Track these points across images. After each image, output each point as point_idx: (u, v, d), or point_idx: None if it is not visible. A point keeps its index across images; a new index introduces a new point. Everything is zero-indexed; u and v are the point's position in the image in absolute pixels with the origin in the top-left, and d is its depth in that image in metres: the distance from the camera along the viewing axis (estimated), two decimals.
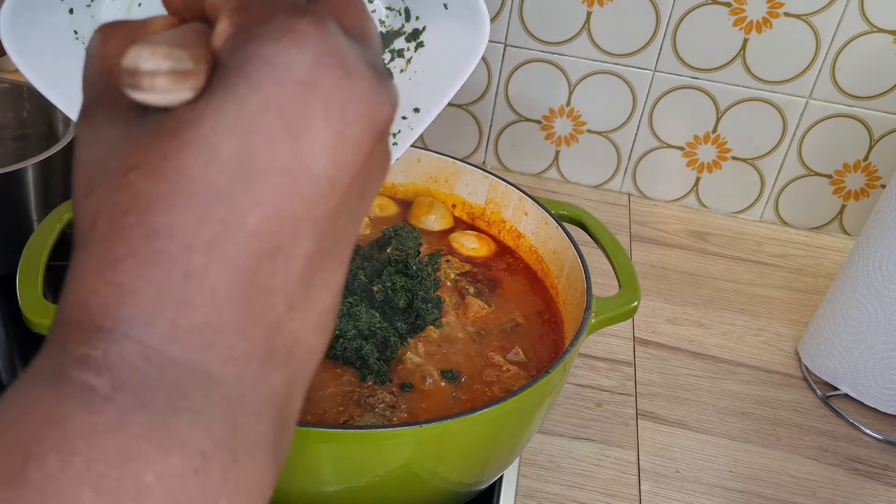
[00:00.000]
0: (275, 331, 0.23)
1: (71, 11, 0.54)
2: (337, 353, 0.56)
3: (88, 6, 0.55)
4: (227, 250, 0.22)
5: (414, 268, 0.64)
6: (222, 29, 0.23)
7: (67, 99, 0.52)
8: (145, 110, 0.23)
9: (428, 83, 0.61)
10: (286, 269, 0.23)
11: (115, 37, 0.25)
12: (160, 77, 0.22)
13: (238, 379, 0.22)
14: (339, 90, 0.23)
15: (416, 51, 0.63)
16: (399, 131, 0.61)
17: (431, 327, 0.61)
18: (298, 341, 0.24)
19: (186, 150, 0.22)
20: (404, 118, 0.61)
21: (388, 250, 0.66)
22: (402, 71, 0.63)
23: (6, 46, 0.49)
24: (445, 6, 0.59)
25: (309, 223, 0.23)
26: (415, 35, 0.63)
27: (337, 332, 0.56)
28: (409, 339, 0.59)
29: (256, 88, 0.22)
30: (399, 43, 0.64)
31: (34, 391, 0.21)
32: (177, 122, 0.22)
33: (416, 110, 0.61)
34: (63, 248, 0.69)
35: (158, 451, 0.20)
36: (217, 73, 0.22)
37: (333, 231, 0.24)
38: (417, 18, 0.63)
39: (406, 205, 0.77)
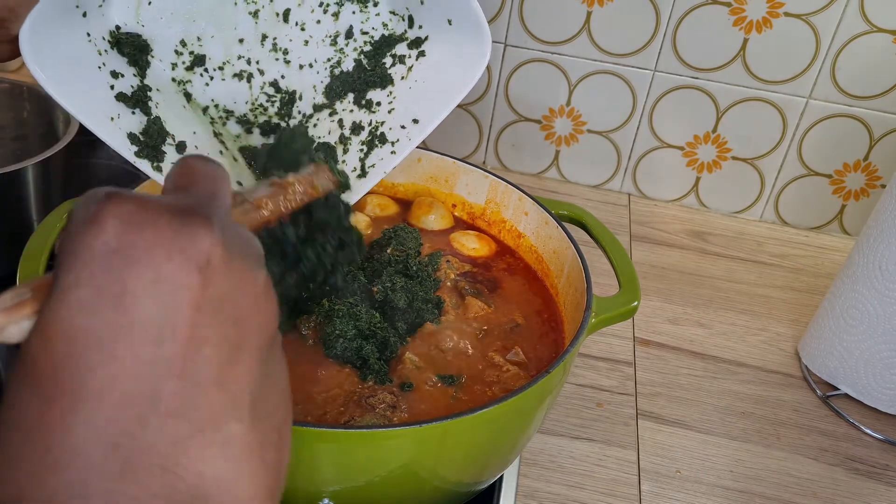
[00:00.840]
0: (162, 471, 0.25)
1: (84, 15, 0.55)
2: (337, 353, 0.56)
3: (100, 6, 0.56)
4: (80, 417, 0.24)
5: (414, 268, 0.64)
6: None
7: (85, 110, 0.53)
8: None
9: (428, 94, 0.62)
10: (156, 414, 0.25)
11: None
12: None
13: None
14: (140, 245, 0.26)
15: (417, 59, 0.63)
16: (398, 140, 0.62)
17: (430, 325, 0.61)
18: (204, 475, 0.25)
19: (34, 357, 0.25)
20: (403, 128, 0.62)
21: (389, 250, 0.66)
22: (402, 78, 0.63)
23: (30, 66, 0.49)
24: (450, 22, 0.60)
25: (158, 365, 0.25)
26: (417, 43, 0.63)
27: (337, 332, 0.56)
28: (409, 339, 0.59)
29: (67, 272, 0.25)
30: (401, 48, 0.64)
31: None
32: (32, 339, 0.26)
33: (415, 121, 0.62)
34: None
35: None
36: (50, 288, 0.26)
37: (200, 363, 0.26)
38: (420, 27, 0.63)
39: (406, 204, 0.77)
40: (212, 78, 0.63)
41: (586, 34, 1.01)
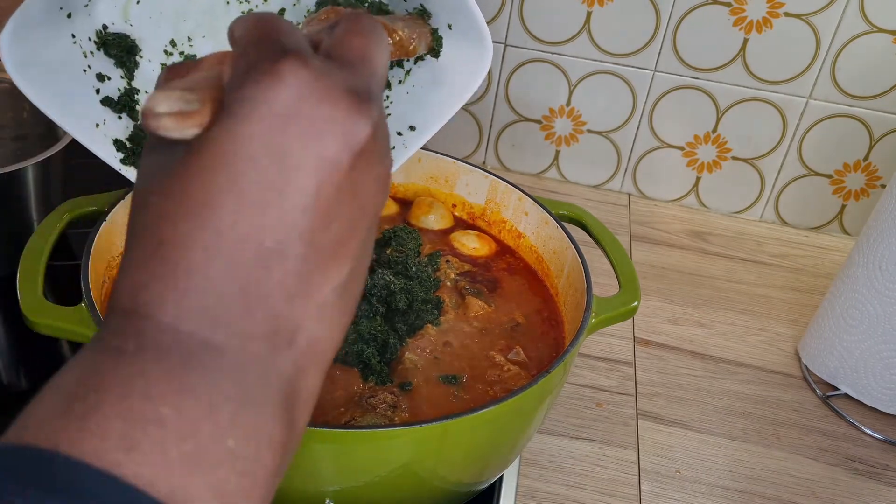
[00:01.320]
0: (274, 318, 0.28)
1: (69, 16, 0.54)
2: (338, 357, 0.56)
3: (86, 6, 0.55)
4: (222, 252, 0.27)
5: (413, 269, 0.64)
6: (225, 73, 0.29)
7: (69, 115, 0.51)
8: (176, 143, 0.28)
9: (426, 101, 0.61)
10: (280, 268, 0.28)
11: (172, 74, 0.31)
12: (167, 118, 0.28)
13: (242, 351, 0.27)
14: (315, 118, 0.27)
15: (415, 63, 0.62)
16: (393, 147, 0.60)
17: (430, 326, 0.61)
18: (300, 328, 0.29)
19: (187, 174, 0.27)
20: (399, 134, 0.60)
21: (388, 251, 0.66)
22: (400, 82, 0.62)
23: (10, 72, 0.48)
24: (450, 27, 0.59)
25: (296, 230, 0.28)
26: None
27: None
28: (408, 339, 0.59)
29: (242, 122, 0.27)
30: None
31: (82, 354, 0.27)
32: (187, 153, 0.28)
33: (412, 128, 0.60)
34: (63, 248, 0.69)
35: (173, 393, 0.25)
36: (220, 111, 0.28)
37: (326, 236, 0.29)
38: None
39: (406, 204, 0.77)
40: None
41: (586, 34, 1.01)
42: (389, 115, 0.62)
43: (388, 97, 0.62)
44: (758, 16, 0.96)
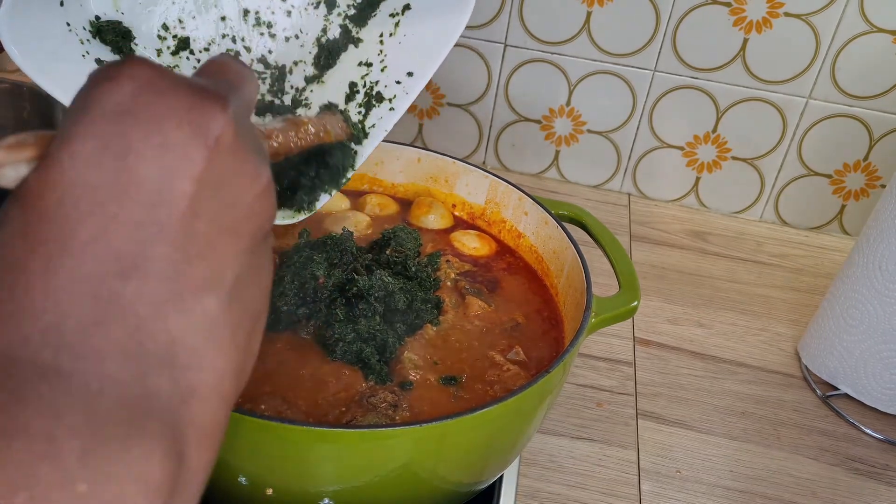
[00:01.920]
0: (136, 330, 0.25)
1: (62, 4, 0.54)
2: (338, 357, 0.56)
3: None
4: (65, 265, 0.24)
5: (413, 269, 0.64)
6: None
7: (69, 94, 0.52)
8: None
9: (418, 47, 0.62)
10: (139, 274, 0.25)
11: None
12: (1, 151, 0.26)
13: (95, 374, 0.24)
14: (154, 110, 0.26)
15: (403, 13, 0.63)
16: (395, 96, 0.61)
17: (430, 325, 0.61)
18: (176, 342, 0.26)
19: (24, 186, 0.26)
20: (398, 83, 0.61)
21: (388, 251, 0.66)
22: (391, 35, 0.63)
23: (7, 48, 0.49)
24: None
25: (152, 228, 0.25)
26: None
27: (336, 336, 0.56)
28: (407, 339, 0.59)
29: (75, 124, 0.25)
30: (386, 6, 0.64)
31: None
32: (26, 177, 0.26)
33: (410, 74, 0.61)
34: None
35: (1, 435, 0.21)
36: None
37: (193, 235, 0.26)
38: None
39: (406, 204, 0.77)
40: (199, 60, 0.62)
41: (586, 34, 1.01)
42: (386, 68, 0.63)
43: (381, 52, 0.63)
44: (758, 16, 0.96)
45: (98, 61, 0.56)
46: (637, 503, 0.66)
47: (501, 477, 0.63)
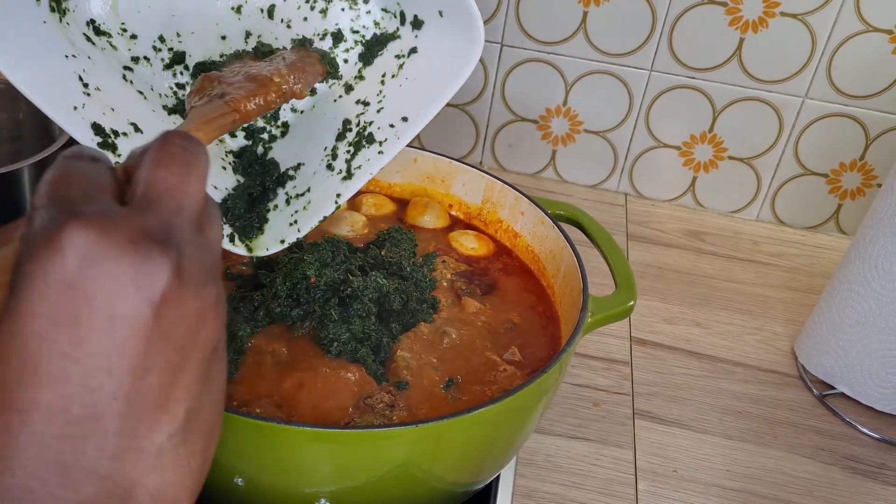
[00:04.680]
0: (100, 480, 0.27)
1: (53, 10, 0.52)
2: (333, 356, 0.56)
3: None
4: (28, 429, 0.26)
5: (408, 269, 0.64)
6: (14, 248, 0.28)
7: (47, 97, 0.50)
8: None
9: (418, 92, 0.60)
10: (97, 431, 0.27)
11: None
12: None
13: None
14: (102, 279, 0.27)
15: (409, 56, 0.61)
16: (386, 139, 0.59)
17: (424, 324, 0.61)
18: (136, 485, 0.28)
19: None
20: (392, 126, 0.59)
21: (382, 252, 0.66)
22: (393, 76, 0.62)
23: None
24: (441, 13, 0.58)
25: (106, 391, 0.27)
26: (415, 25, 0.61)
27: (331, 336, 0.56)
28: (401, 337, 0.59)
29: (24, 301, 0.26)
30: (393, 47, 0.63)
31: None
32: None
33: (405, 119, 0.59)
34: None
35: None
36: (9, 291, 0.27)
37: (144, 389, 0.28)
38: (412, 22, 0.61)
39: (403, 203, 0.77)
40: (193, 77, 0.60)
41: (583, 34, 1.01)
42: (383, 109, 0.61)
43: (380, 92, 0.62)
44: (754, 15, 0.96)
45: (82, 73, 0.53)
46: (634, 503, 0.67)
47: (498, 477, 0.63)
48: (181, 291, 0.28)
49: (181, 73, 0.60)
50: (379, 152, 0.59)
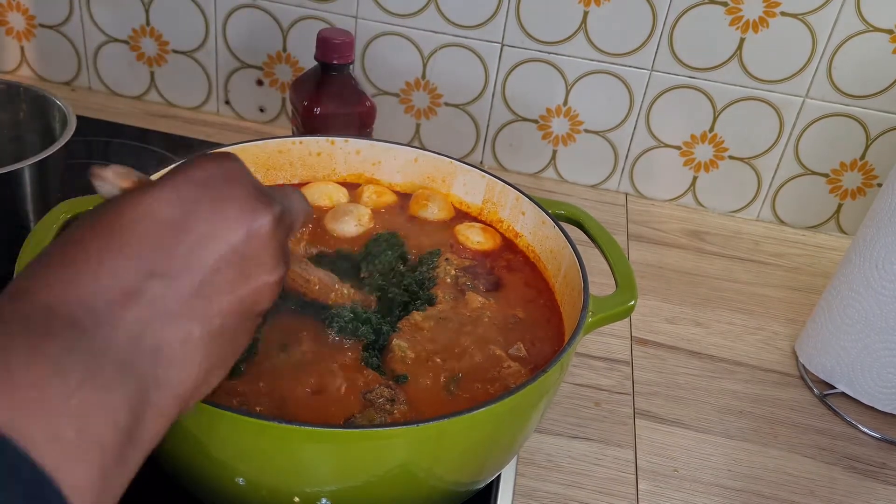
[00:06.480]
0: (142, 322, 0.34)
1: None
2: (335, 332, 0.57)
3: None
4: (117, 255, 0.34)
5: (403, 269, 0.64)
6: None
7: None
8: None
9: None
10: (163, 284, 0.35)
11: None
12: (109, 171, 0.38)
13: (104, 338, 0.32)
14: (224, 190, 0.37)
15: None
16: None
17: (425, 317, 0.61)
18: (163, 344, 0.34)
19: (107, 207, 0.36)
20: None
21: (362, 274, 0.66)
22: None
23: None
24: None
25: (185, 262, 0.36)
26: None
27: (333, 312, 0.57)
28: (398, 327, 0.60)
29: (169, 179, 0.37)
30: None
31: None
32: (113, 199, 0.37)
33: None
34: None
35: (27, 350, 0.29)
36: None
37: (208, 282, 0.36)
38: None
39: (406, 198, 0.76)
40: None
41: (583, 34, 1.01)
42: None
43: None
44: (754, 15, 0.96)
45: None
46: (635, 502, 0.67)
47: (499, 476, 0.63)
48: (267, 241, 0.38)
49: None
50: None
